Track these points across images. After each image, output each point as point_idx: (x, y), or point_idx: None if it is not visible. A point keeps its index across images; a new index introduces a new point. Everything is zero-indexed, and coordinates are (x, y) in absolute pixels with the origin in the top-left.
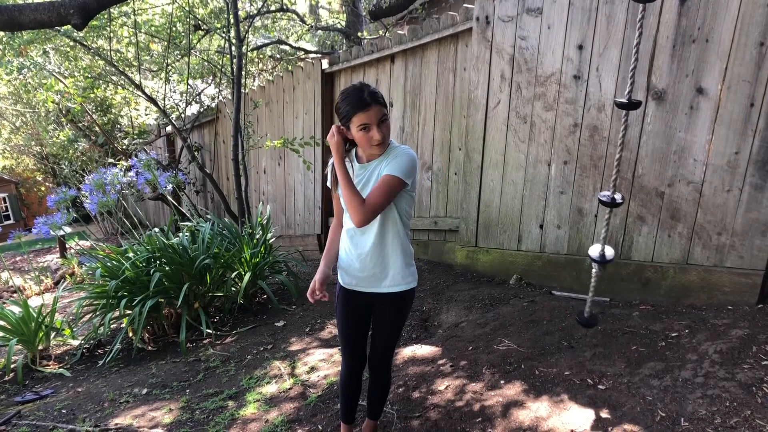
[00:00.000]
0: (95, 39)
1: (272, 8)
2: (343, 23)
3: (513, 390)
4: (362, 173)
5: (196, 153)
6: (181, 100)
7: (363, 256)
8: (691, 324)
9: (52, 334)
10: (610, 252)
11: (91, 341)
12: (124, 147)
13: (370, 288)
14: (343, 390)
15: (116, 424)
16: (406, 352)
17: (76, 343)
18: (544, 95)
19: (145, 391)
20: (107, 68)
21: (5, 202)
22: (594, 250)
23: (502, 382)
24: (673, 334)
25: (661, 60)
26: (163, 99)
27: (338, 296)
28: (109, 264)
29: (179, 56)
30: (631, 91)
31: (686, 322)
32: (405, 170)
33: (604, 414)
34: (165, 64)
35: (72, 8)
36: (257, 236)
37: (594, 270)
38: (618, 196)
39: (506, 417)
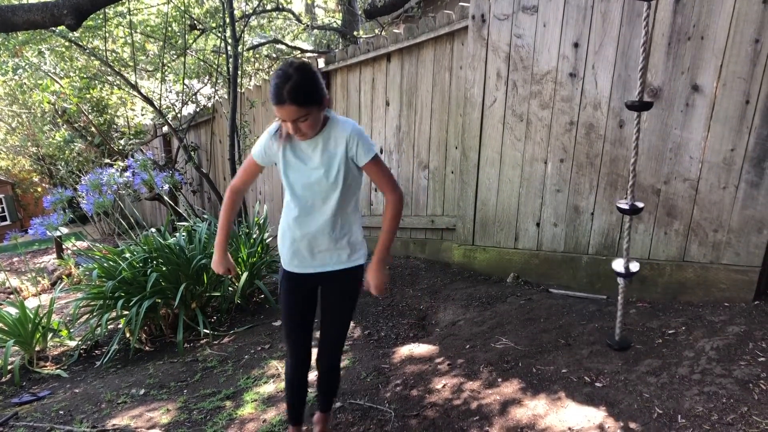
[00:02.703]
0: (91, 39)
1: (268, 7)
2: (339, 22)
3: (510, 388)
4: (308, 143)
5: (192, 153)
6: (177, 100)
7: (315, 234)
8: (687, 321)
9: (49, 336)
10: (635, 265)
11: (89, 342)
12: (121, 147)
13: (319, 268)
14: (290, 387)
15: (114, 424)
16: (404, 350)
17: (73, 344)
18: (540, 93)
19: (142, 391)
20: (103, 68)
21: (1, 203)
22: (618, 264)
23: (499, 380)
24: (669, 332)
25: (657, 58)
26: (159, 99)
27: (282, 282)
28: (105, 265)
29: (175, 56)
30: (642, 91)
31: (683, 319)
32: (372, 145)
33: (602, 411)
34: (161, 64)
35: (65, 9)
36: (254, 236)
37: (621, 285)
38: (639, 204)
39: (504, 415)
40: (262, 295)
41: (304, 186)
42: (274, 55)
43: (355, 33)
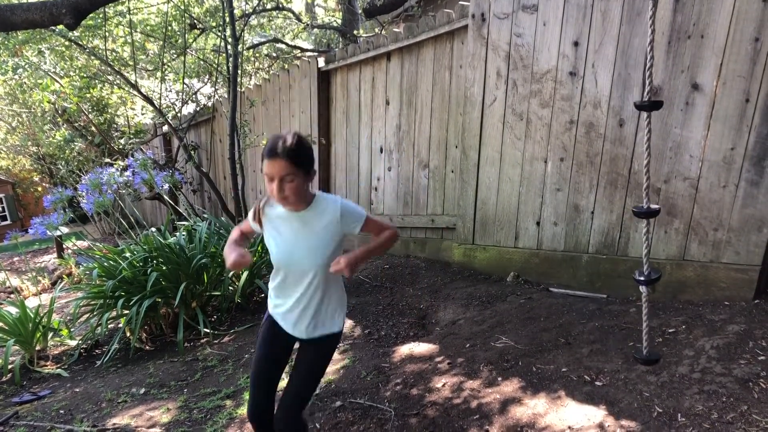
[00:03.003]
0: (91, 39)
1: (268, 6)
2: (339, 21)
3: (510, 387)
4: (294, 218)
5: (192, 152)
6: (177, 100)
7: (301, 304)
8: (687, 320)
9: (50, 335)
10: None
11: (89, 341)
12: (121, 147)
13: (303, 334)
14: (254, 428)
15: (114, 424)
16: (404, 349)
17: (73, 343)
18: (540, 92)
19: (142, 390)
20: (103, 68)
21: (2, 203)
22: (639, 273)
23: (499, 379)
24: (670, 330)
25: (657, 56)
26: (159, 98)
27: (264, 324)
28: (106, 264)
29: (175, 55)
30: (650, 91)
31: (683, 318)
32: (360, 210)
33: (602, 410)
34: (161, 64)
35: (64, 8)
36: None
37: (644, 294)
38: (654, 206)
39: (504, 414)
40: (263, 294)
41: (291, 261)
42: (274, 54)
43: (355, 32)
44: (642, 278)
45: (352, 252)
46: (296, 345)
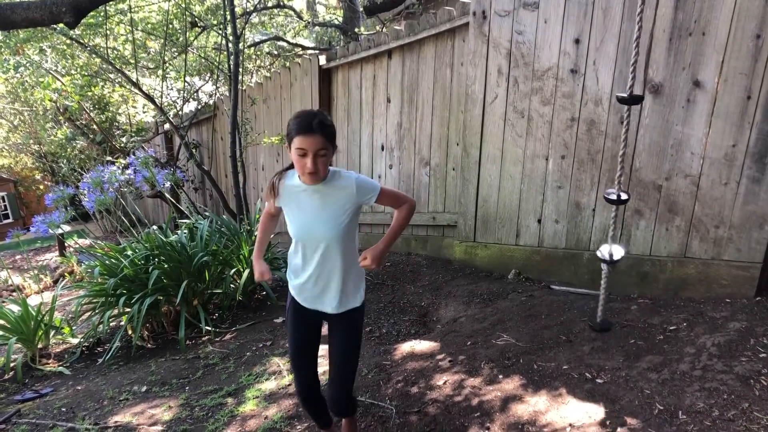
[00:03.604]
0: (92, 37)
1: (269, 4)
2: (341, 19)
3: (511, 384)
4: (313, 191)
5: (194, 150)
6: (178, 98)
7: (319, 277)
8: (689, 317)
9: (52, 333)
10: (618, 252)
11: (91, 339)
12: (122, 145)
13: (320, 306)
14: (304, 405)
15: (116, 421)
16: (405, 347)
17: (75, 341)
18: (541, 90)
19: (144, 388)
20: (104, 66)
21: (4, 201)
22: (603, 250)
23: (500, 376)
24: (671, 328)
25: (658, 53)
26: (161, 96)
27: (289, 308)
28: (107, 262)
29: (176, 53)
30: (633, 85)
31: (684, 315)
32: (374, 182)
33: (603, 407)
34: (162, 62)
35: (64, 6)
36: (256, 233)
37: (604, 271)
38: (624, 195)
39: (505, 411)
40: (264, 292)
41: (310, 232)
42: (276, 52)
43: (356, 30)
44: (606, 259)
45: (375, 245)
46: (324, 329)
